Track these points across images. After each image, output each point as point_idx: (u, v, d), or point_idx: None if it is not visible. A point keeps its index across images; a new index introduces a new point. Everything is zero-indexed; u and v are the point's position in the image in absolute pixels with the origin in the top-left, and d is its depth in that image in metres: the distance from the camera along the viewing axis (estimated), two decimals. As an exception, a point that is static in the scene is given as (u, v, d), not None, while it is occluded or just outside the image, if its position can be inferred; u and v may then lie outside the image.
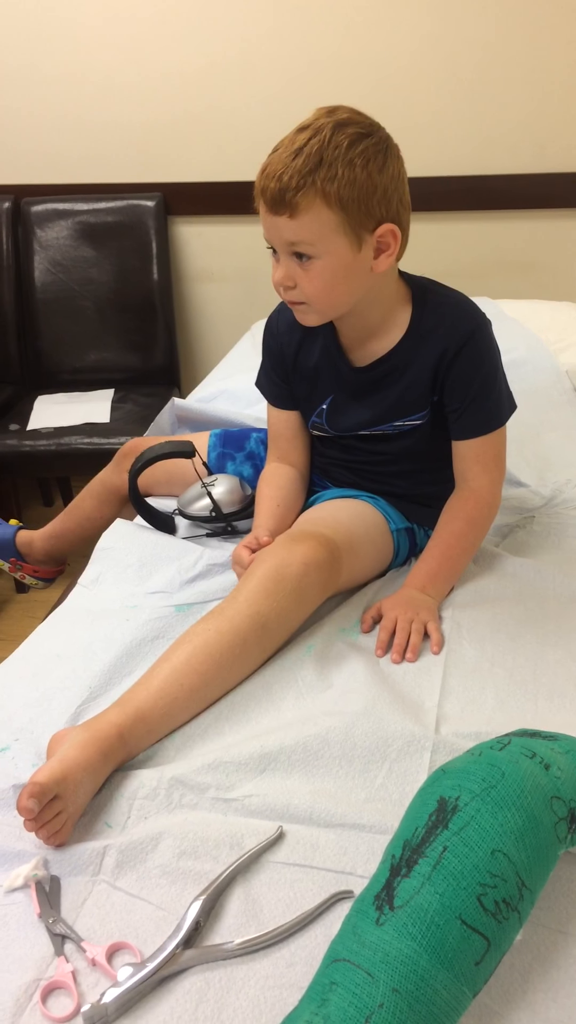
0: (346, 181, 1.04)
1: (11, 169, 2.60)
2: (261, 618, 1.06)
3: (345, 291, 1.13)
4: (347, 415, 1.29)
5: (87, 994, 0.72)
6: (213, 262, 2.65)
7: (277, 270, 1.13)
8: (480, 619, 1.16)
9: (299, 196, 1.04)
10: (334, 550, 1.15)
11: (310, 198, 1.05)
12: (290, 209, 1.06)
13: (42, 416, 2.37)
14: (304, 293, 1.12)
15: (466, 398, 1.20)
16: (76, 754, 0.88)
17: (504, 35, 2.29)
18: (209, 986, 0.71)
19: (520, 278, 2.53)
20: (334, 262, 1.09)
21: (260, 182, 1.08)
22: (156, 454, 1.37)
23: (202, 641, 1.04)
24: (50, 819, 0.83)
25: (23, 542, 1.79)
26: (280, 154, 1.07)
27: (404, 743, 0.94)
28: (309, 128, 1.07)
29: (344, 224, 1.07)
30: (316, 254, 1.09)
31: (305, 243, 1.08)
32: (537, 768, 0.74)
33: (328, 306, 1.15)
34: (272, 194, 1.06)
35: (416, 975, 0.63)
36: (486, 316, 1.22)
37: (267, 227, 1.11)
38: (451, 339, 1.18)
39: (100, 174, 2.57)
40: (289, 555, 1.11)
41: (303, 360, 1.30)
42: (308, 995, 0.65)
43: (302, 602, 1.11)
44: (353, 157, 1.05)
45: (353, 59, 2.36)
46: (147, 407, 2.37)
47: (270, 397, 1.38)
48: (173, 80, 2.44)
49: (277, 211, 1.07)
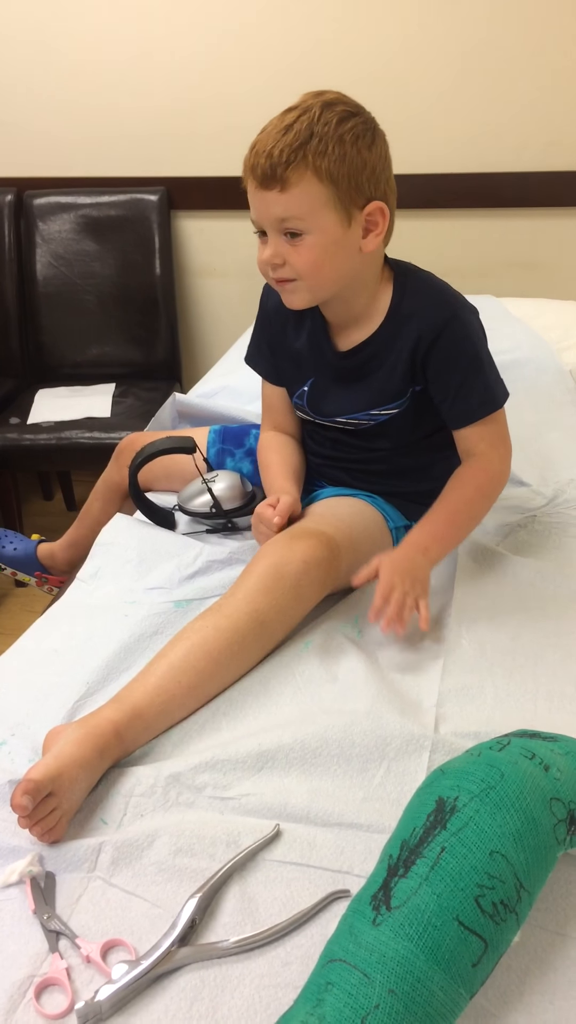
0: (336, 156, 1.06)
1: (14, 162, 2.59)
2: (260, 615, 1.06)
3: (334, 268, 1.13)
4: (328, 400, 1.29)
5: (81, 991, 0.71)
6: (216, 257, 2.64)
7: (264, 250, 1.13)
8: (480, 619, 1.16)
9: (290, 170, 1.05)
10: (334, 548, 1.15)
11: (300, 172, 1.05)
12: (281, 183, 1.06)
13: (43, 410, 2.37)
14: (294, 269, 1.12)
15: (451, 386, 1.19)
16: (72, 750, 0.88)
17: (511, 32, 2.28)
18: (204, 984, 0.71)
19: (525, 277, 2.52)
20: (324, 238, 1.10)
21: (250, 160, 1.09)
22: (157, 449, 1.36)
23: (200, 638, 1.03)
24: (44, 816, 0.83)
25: (45, 555, 1.80)
26: (269, 132, 1.07)
27: (403, 742, 0.94)
28: (297, 108, 1.08)
29: (334, 199, 1.08)
30: (306, 229, 1.09)
31: (295, 218, 1.08)
32: (537, 769, 0.74)
33: (317, 283, 1.14)
34: (263, 169, 1.06)
35: (412, 976, 0.62)
36: (467, 303, 1.21)
37: (256, 206, 1.11)
38: (426, 326, 1.17)
39: (103, 167, 2.56)
40: (289, 552, 1.11)
41: (291, 339, 1.31)
42: (304, 995, 0.65)
43: (301, 599, 1.11)
44: (343, 133, 1.07)
45: (359, 54, 2.35)
46: (148, 402, 2.37)
47: (261, 371, 1.39)
48: (177, 74, 2.44)
49: (267, 186, 1.07)
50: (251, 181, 1.10)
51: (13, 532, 1.86)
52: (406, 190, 2.16)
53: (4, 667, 1.10)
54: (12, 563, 1.81)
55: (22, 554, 1.81)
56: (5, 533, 1.85)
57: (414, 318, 1.18)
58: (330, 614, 1.18)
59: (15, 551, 1.81)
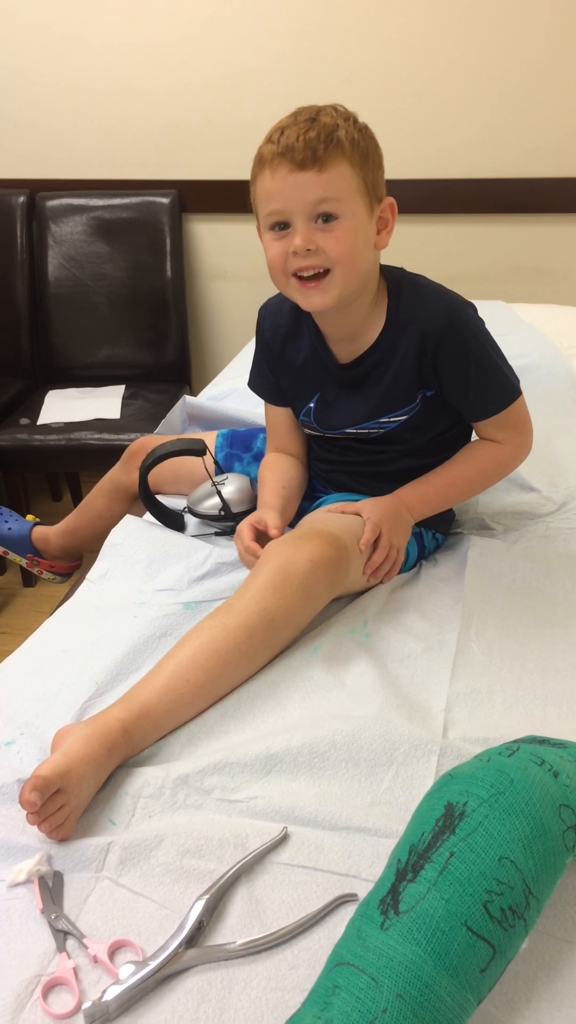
0: (362, 148, 1.09)
1: (27, 163, 2.60)
2: (268, 615, 1.06)
3: (363, 260, 1.13)
4: (335, 413, 1.29)
5: (88, 991, 0.71)
6: (227, 260, 2.65)
7: (293, 237, 1.09)
8: (489, 624, 1.16)
9: (329, 150, 1.05)
10: (341, 548, 1.15)
11: (337, 154, 1.06)
12: (320, 164, 1.05)
13: (52, 411, 2.37)
14: (330, 257, 1.09)
15: (467, 384, 1.20)
16: (79, 748, 0.88)
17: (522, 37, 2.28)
18: (211, 986, 0.71)
19: (536, 282, 2.52)
20: (356, 224, 1.10)
21: (278, 147, 1.07)
22: (168, 451, 1.37)
23: (208, 637, 1.03)
24: (53, 812, 0.83)
25: (39, 538, 1.80)
26: (289, 126, 1.08)
27: (411, 747, 0.94)
28: (307, 109, 1.10)
29: (363, 186, 1.10)
30: (342, 212, 1.08)
31: (334, 199, 1.07)
32: (546, 776, 0.73)
33: (350, 272, 1.12)
34: (301, 151, 1.05)
35: (420, 981, 0.62)
36: (462, 299, 1.21)
37: (286, 191, 1.08)
38: (428, 330, 1.17)
39: (116, 170, 2.57)
40: (296, 552, 1.11)
41: (291, 358, 1.30)
42: (311, 998, 0.65)
43: (309, 599, 1.11)
44: (362, 128, 1.11)
45: (370, 60, 2.35)
46: (158, 404, 2.37)
47: (264, 394, 1.39)
48: (190, 78, 2.44)
49: (305, 166, 1.06)
50: (281, 166, 1.07)
51: (9, 511, 1.86)
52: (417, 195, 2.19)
53: (13, 667, 1.11)
54: (5, 542, 1.82)
55: (16, 535, 1.81)
56: (2, 511, 1.85)
57: (414, 323, 1.19)
58: (339, 617, 1.18)
59: (9, 531, 1.81)
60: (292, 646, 1.12)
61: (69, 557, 1.83)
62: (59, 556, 1.81)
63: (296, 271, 1.12)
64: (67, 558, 1.83)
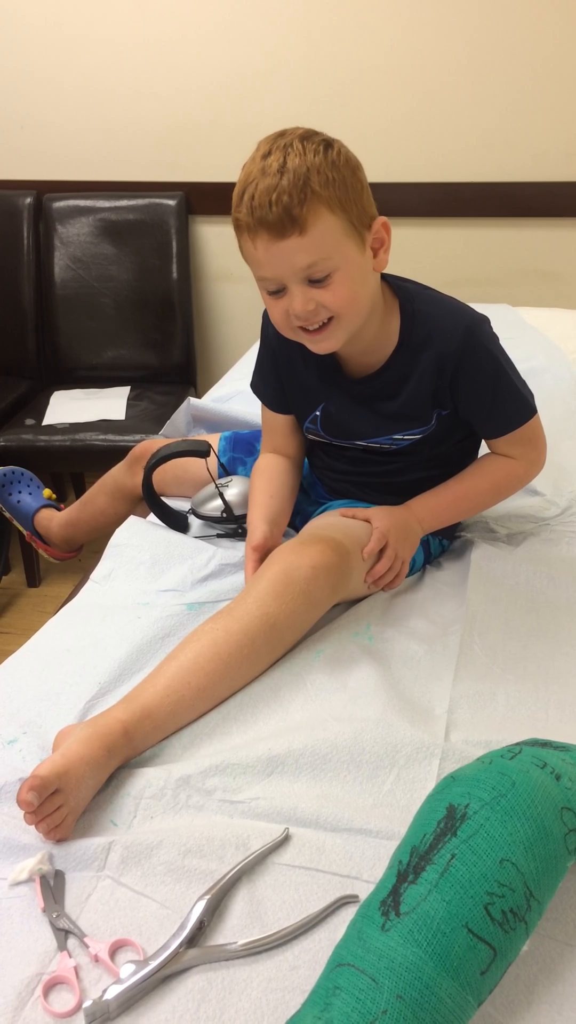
0: (338, 183, 1.02)
1: (34, 165, 2.61)
2: (270, 619, 1.06)
3: (365, 296, 1.11)
4: (344, 424, 1.27)
5: (89, 990, 0.71)
6: (233, 262, 2.64)
7: (290, 303, 1.07)
8: (492, 627, 1.16)
9: (305, 209, 1.00)
10: (344, 554, 1.14)
11: (315, 208, 1.00)
12: (299, 226, 1.00)
13: (58, 411, 2.38)
14: (331, 309, 1.08)
15: (484, 403, 1.20)
16: (79, 748, 0.88)
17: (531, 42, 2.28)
18: (211, 986, 0.71)
19: (542, 286, 2.52)
20: (351, 269, 1.06)
21: (251, 214, 1.02)
22: (172, 451, 1.37)
23: (210, 640, 1.03)
24: (51, 812, 0.83)
25: (41, 522, 1.81)
26: (258, 180, 1.01)
27: (413, 750, 0.94)
28: (274, 150, 1.03)
29: (349, 226, 1.04)
30: (334, 267, 1.04)
31: (323, 259, 1.03)
32: (548, 778, 0.73)
33: (354, 316, 1.10)
34: (275, 217, 1.00)
35: (421, 982, 0.62)
36: (477, 314, 1.18)
37: (271, 261, 1.04)
38: (446, 351, 1.15)
39: (122, 172, 2.58)
40: (298, 558, 1.11)
41: (299, 370, 1.28)
42: (311, 999, 0.65)
43: (311, 604, 1.11)
44: (333, 159, 1.03)
45: (379, 64, 2.35)
46: (163, 405, 2.38)
47: (264, 399, 1.36)
48: (197, 79, 2.45)
49: (284, 234, 1.01)
50: (259, 235, 1.02)
51: (31, 478, 1.87)
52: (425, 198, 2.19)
53: (16, 666, 1.11)
54: (12, 510, 1.83)
55: (24, 509, 1.82)
56: (23, 478, 1.86)
57: (430, 343, 1.17)
58: (342, 621, 1.18)
59: (18, 503, 1.83)
60: (294, 650, 1.12)
61: (68, 546, 1.84)
62: (58, 544, 1.82)
63: (300, 326, 1.11)
64: (65, 547, 1.84)
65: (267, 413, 1.38)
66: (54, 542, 1.81)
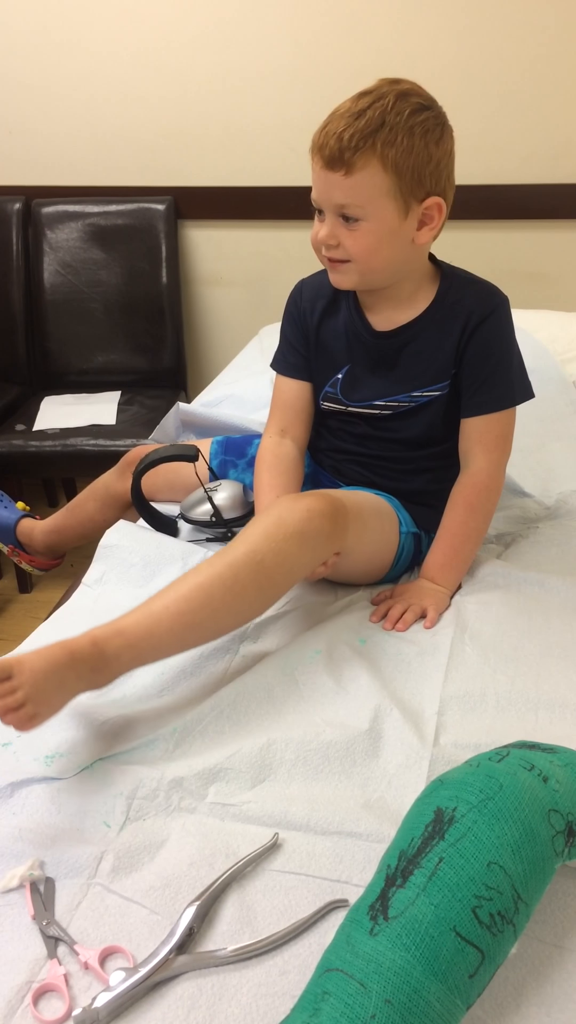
0: (404, 148, 1.08)
1: (22, 170, 2.60)
2: (257, 555, 1.05)
3: (386, 257, 1.16)
4: (364, 385, 1.30)
5: (79, 998, 0.71)
6: (222, 266, 2.65)
7: (320, 229, 1.15)
8: (483, 630, 1.16)
9: (357, 155, 1.07)
10: (339, 506, 1.15)
11: (367, 158, 1.07)
12: (346, 167, 1.08)
13: (48, 417, 2.38)
14: (348, 251, 1.15)
15: (483, 371, 1.22)
16: (38, 649, 0.90)
17: (517, 44, 2.29)
18: (201, 993, 0.71)
19: (531, 288, 2.53)
20: (380, 226, 1.12)
21: (319, 139, 1.10)
22: (160, 456, 1.37)
23: (194, 574, 1.04)
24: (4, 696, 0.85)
25: (24, 531, 1.80)
26: (341, 114, 1.09)
27: (403, 754, 0.94)
28: (372, 93, 1.10)
29: (396, 190, 1.10)
30: (363, 216, 1.11)
31: (355, 204, 1.10)
32: (535, 781, 0.74)
33: (368, 268, 1.17)
34: (330, 151, 1.08)
35: (409, 986, 0.62)
36: (507, 297, 1.25)
37: (318, 185, 1.13)
38: (475, 311, 1.21)
39: (111, 176, 2.58)
40: (293, 503, 1.12)
41: (324, 329, 1.32)
42: (300, 1004, 0.65)
43: (305, 547, 1.10)
44: (413, 125, 1.09)
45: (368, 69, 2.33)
46: (153, 410, 2.37)
47: (284, 368, 1.38)
48: (185, 84, 2.45)
49: (333, 167, 1.09)
50: (317, 160, 1.11)
51: (7, 498, 1.86)
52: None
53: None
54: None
55: (3, 521, 1.80)
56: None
57: (462, 304, 1.22)
58: (333, 621, 1.18)
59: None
60: (288, 648, 1.12)
61: (52, 554, 1.83)
62: (41, 552, 1.81)
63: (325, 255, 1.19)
64: (49, 555, 1.83)
65: (281, 385, 1.38)
66: (38, 550, 1.80)
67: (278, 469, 1.33)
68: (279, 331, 1.40)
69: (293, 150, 2.41)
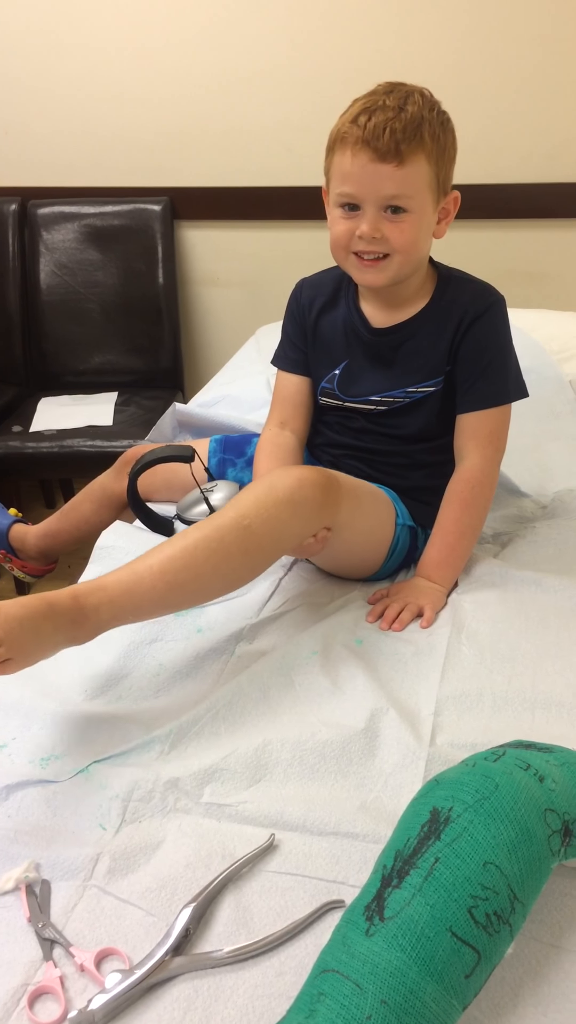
0: (442, 142, 1.13)
1: (18, 171, 2.60)
2: (245, 520, 1.05)
3: (423, 249, 1.19)
4: (361, 380, 1.31)
5: (74, 1000, 0.71)
6: (219, 267, 2.65)
7: (358, 223, 1.14)
8: (480, 629, 1.16)
9: (411, 147, 1.09)
10: (332, 480, 1.15)
11: (417, 151, 1.10)
12: (399, 158, 1.09)
13: (45, 418, 2.37)
14: (392, 245, 1.15)
15: (477, 368, 1.23)
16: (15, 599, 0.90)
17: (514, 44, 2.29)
18: (197, 994, 0.71)
19: (528, 288, 2.53)
20: (422, 218, 1.15)
21: (361, 132, 1.09)
22: (156, 457, 1.37)
23: (180, 536, 1.04)
24: None
25: (16, 537, 1.79)
26: (379, 108, 1.10)
27: (400, 754, 0.94)
28: (398, 90, 1.13)
29: (435, 182, 1.14)
30: (411, 207, 1.13)
31: (405, 196, 1.12)
32: (531, 780, 0.74)
33: (408, 260, 1.18)
34: (385, 143, 1.08)
35: (405, 987, 0.62)
36: (503, 297, 1.26)
37: (362, 179, 1.12)
38: (469, 309, 1.23)
39: (107, 177, 2.58)
40: (285, 472, 1.12)
41: (323, 325, 1.34)
42: (296, 1006, 0.65)
43: (294, 513, 1.09)
44: (444, 121, 1.14)
45: (365, 69, 2.36)
46: (151, 410, 2.37)
47: (284, 363, 1.40)
48: (181, 85, 2.45)
49: (385, 159, 1.09)
50: (361, 153, 1.10)
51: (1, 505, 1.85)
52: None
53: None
54: None
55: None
56: None
57: (457, 302, 1.24)
58: (330, 621, 1.18)
59: None
60: (284, 649, 1.12)
61: (44, 559, 1.82)
62: (34, 557, 1.80)
63: (358, 251, 1.18)
64: (42, 560, 1.82)
65: (281, 379, 1.41)
66: (31, 555, 1.79)
67: (276, 456, 1.34)
68: (279, 330, 1.42)
69: (289, 150, 2.41)
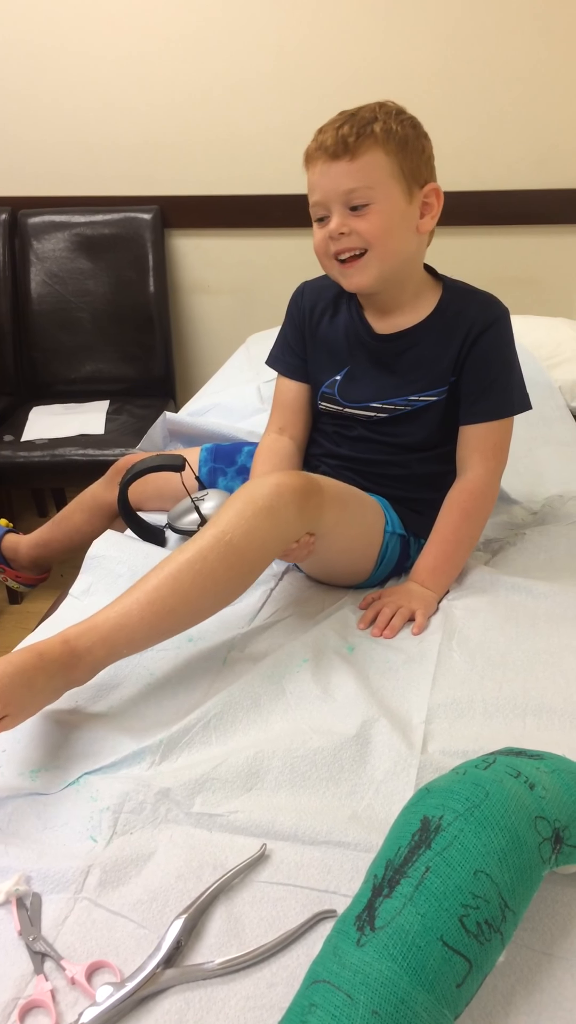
0: (399, 135, 1.14)
1: (9, 181, 2.61)
2: (226, 535, 1.05)
3: (398, 240, 1.18)
4: (362, 386, 1.30)
5: (65, 1013, 0.71)
6: (210, 275, 2.66)
7: (328, 224, 1.17)
8: (471, 636, 1.16)
9: (360, 140, 1.12)
10: (313, 484, 1.14)
11: (369, 144, 1.13)
12: (351, 153, 1.12)
13: (37, 427, 2.37)
14: (362, 238, 1.16)
15: (484, 380, 1.24)
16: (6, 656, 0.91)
17: (504, 51, 2.30)
18: (189, 1006, 0.71)
19: (517, 294, 2.54)
20: (389, 207, 1.15)
21: (316, 143, 1.15)
22: (146, 466, 1.37)
23: (164, 562, 1.04)
24: None
25: (8, 547, 1.79)
26: (333, 121, 1.15)
27: (391, 762, 0.94)
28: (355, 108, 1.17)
29: (398, 172, 1.15)
30: (372, 199, 1.14)
31: (364, 187, 1.13)
32: (522, 788, 0.74)
33: (385, 252, 1.18)
34: (333, 142, 1.12)
35: (396, 997, 0.62)
36: (508, 309, 1.27)
37: (322, 182, 1.15)
38: (477, 321, 1.23)
39: (98, 186, 2.58)
40: (263, 480, 1.11)
41: (325, 330, 1.34)
42: (287, 1017, 0.64)
43: (275, 523, 1.08)
44: (403, 119, 1.16)
45: (353, 77, 2.37)
46: (142, 419, 2.37)
47: (283, 368, 1.40)
48: (171, 94, 2.46)
49: (337, 157, 1.13)
50: (318, 160, 1.15)
51: None
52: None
53: (-6, 685, 1.10)
54: None
55: None
56: None
57: (464, 314, 1.24)
58: (321, 629, 1.18)
59: None
60: (275, 656, 1.11)
61: (37, 569, 1.82)
62: (27, 567, 1.80)
63: (335, 253, 1.19)
64: (35, 570, 1.82)
65: (282, 385, 1.41)
66: (23, 565, 1.79)
67: (272, 462, 1.34)
68: (269, 337, 1.42)
69: (279, 159, 2.41)
